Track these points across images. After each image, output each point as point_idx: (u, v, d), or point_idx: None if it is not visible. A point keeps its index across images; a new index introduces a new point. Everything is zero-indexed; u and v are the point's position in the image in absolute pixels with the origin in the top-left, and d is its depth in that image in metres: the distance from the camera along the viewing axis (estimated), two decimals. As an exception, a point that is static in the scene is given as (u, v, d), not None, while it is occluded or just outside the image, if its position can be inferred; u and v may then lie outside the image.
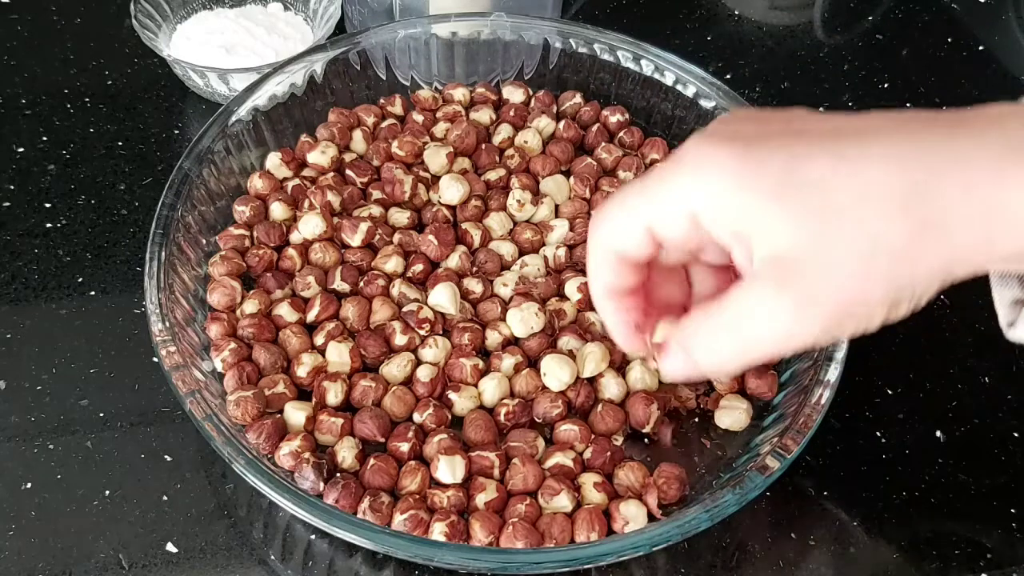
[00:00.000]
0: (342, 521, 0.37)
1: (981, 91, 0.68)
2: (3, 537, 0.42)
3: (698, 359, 0.33)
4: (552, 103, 0.59)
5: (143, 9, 0.62)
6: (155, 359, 0.46)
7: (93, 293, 0.51)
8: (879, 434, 0.48)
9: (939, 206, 0.28)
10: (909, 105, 0.67)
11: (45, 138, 0.59)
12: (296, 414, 0.43)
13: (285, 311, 0.47)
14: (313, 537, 0.43)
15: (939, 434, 0.48)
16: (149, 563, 0.41)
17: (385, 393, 0.45)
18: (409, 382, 0.46)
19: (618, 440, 0.45)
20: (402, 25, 0.58)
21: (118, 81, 0.64)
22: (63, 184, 0.57)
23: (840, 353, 0.43)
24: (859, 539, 0.44)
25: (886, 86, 0.68)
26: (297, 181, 0.53)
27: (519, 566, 0.37)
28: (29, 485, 0.43)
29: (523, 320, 0.47)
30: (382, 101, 0.59)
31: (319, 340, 0.46)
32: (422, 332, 0.47)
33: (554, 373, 0.45)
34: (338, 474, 0.42)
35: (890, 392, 0.50)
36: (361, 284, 0.49)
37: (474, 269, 0.51)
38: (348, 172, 0.54)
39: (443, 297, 0.47)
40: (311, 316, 0.47)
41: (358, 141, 0.56)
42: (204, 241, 0.50)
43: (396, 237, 0.51)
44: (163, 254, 0.45)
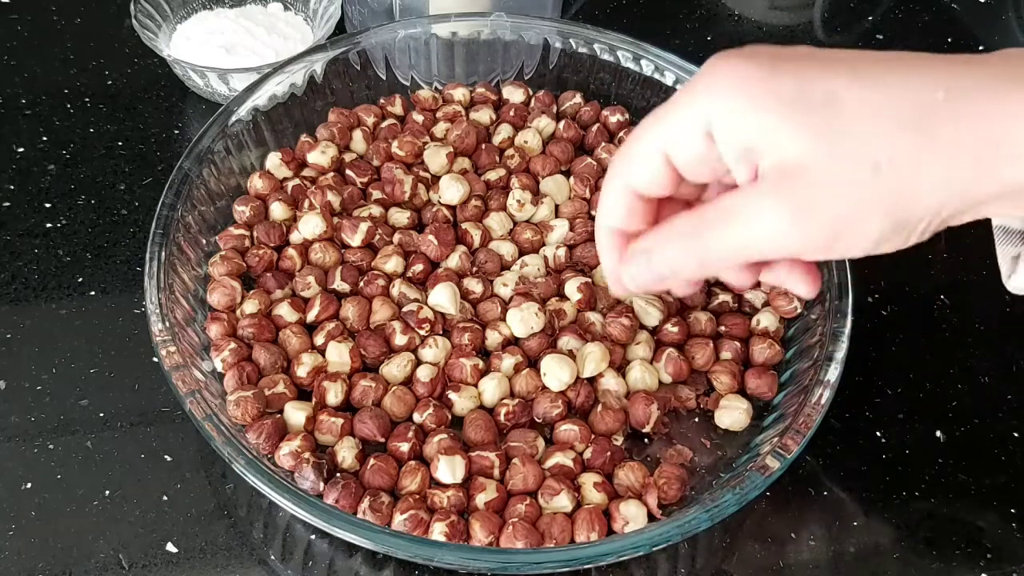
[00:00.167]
0: (342, 521, 0.37)
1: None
2: (3, 537, 0.42)
3: (655, 262, 0.34)
4: (552, 103, 0.59)
5: (143, 9, 0.62)
6: (155, 359, 0.46)
7: (93, 293, 0.51)
8: (879, 434, 0.48)
9: (949, 128, 0.29)
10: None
11: (45, 138, 0.59)
12: (296, 414, 0.43)
13: (285, 311, 0.47)
14: (313, 537, 0.43)
15: (939, 434, 0.48)
16: (149, 563, 0.41)
17: (385, 393, 0.45)
18: (409, 382, 0.46)
19: (618, 440, 0.45)
20: (402, 25, 0.58)
21: (118, 81, 0.64)
22: (63, 184, 0.57)
23: (840, 353, 0.43)
24: (859, 539, 0.44)
25: (886, 86, 0.68)
26: (297, 181, 0.53)
27: (519, 566, 0.37)
28: (29, 485, 0.43)
29: (523, 320, 0.47)
30: (382, 101, 0.59)
31: (319, 340, 0.46)
32: (422, 332, 0.47)
33: (554, 373, 0.45)
34: (338, 474, 0.42)
35: (890, 392, 0.50)
36: (361, 284, 0.49)
37: (474, 269, 0.51)
38: (348, 172, 0.54)
39: (443, 297, 0.47)
40: (311, 316, 0.47)
41: (358, 141, 0.56)
42: (204, 241, 0.50)
43: (396, 237, 0.51)
44: (163, 254, 0.45)
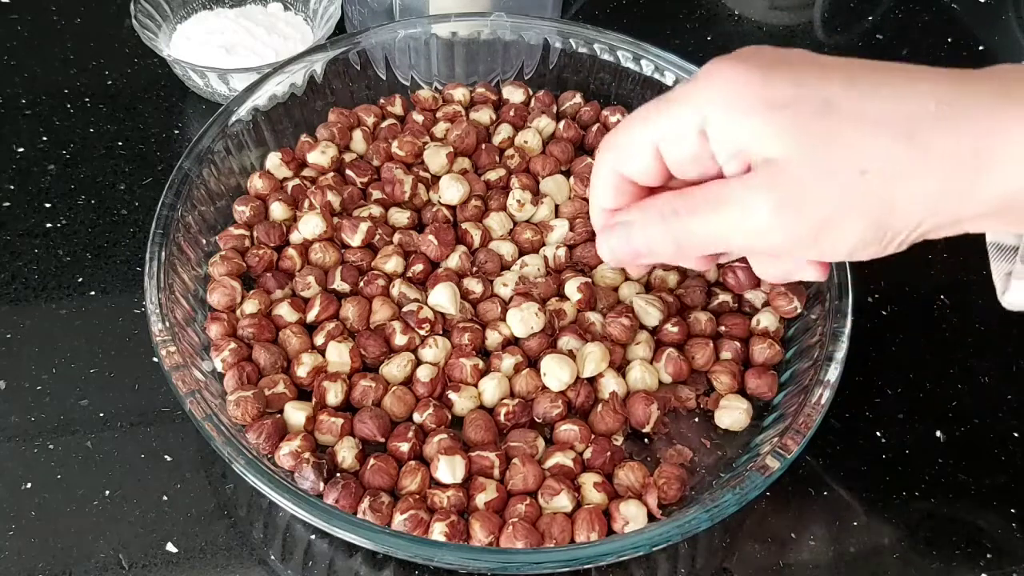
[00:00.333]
0: (342, 521, 0.37)
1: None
2: (3, 537, 0.42)
3: (635, 236, 0.35)
4: (552, 103, 0.59)
5: (143, 9, 0.62)
6: (155, 359, 0.46)
7: (93, 293, 0.51)
8: (879, 434, 0.48)
9: (937, 140, 0.30)
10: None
11: (45, 138, 0.59)
12: (296, 414, 0.43)
13: (285, 311, 0.47)
14: (313, 537, 0.43)
15: (939, 434, 0.48)
16: (149, 563, 0.41)
17: (385, 393, 0.45)
18: (409, 382, 0.46)
19: (618, 440, 0.45)
20: (402, 25, 0.58)
21: (118, 81, 0.64)
22: (63, 184, 0.57)
23: (840, 353, 0.43)
24: (859, 539, 0.44)
25: (886, 86, 0.68)
26: (297, 181, 0.53)
27: (519, 566, 0.37)
28: (29, 485, 0.43)
29: (523, 320, 0.47)
30: (382, 101, 0.59)
31: (319, 340, 0.46)
32: (422, 332, 0.47)
33: (554, 373, 0.45)
34: (338, 474, 0.42)
35: (890, 392, 0.50)
36: (361, 284, 0.49)
37: (474, 269, 0.51)
38: (348, 172, 0.54)
39: (443, 297, 0.47)
40: (311, 316, 0.47)
41: (358, 141, 0.56)
42: (204, 241, 0.50)
43: (396, 237, 0.51)
44: (163, 254, 0.45)
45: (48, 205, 0.56)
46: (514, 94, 0.59)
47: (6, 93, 0.62)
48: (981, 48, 0.72)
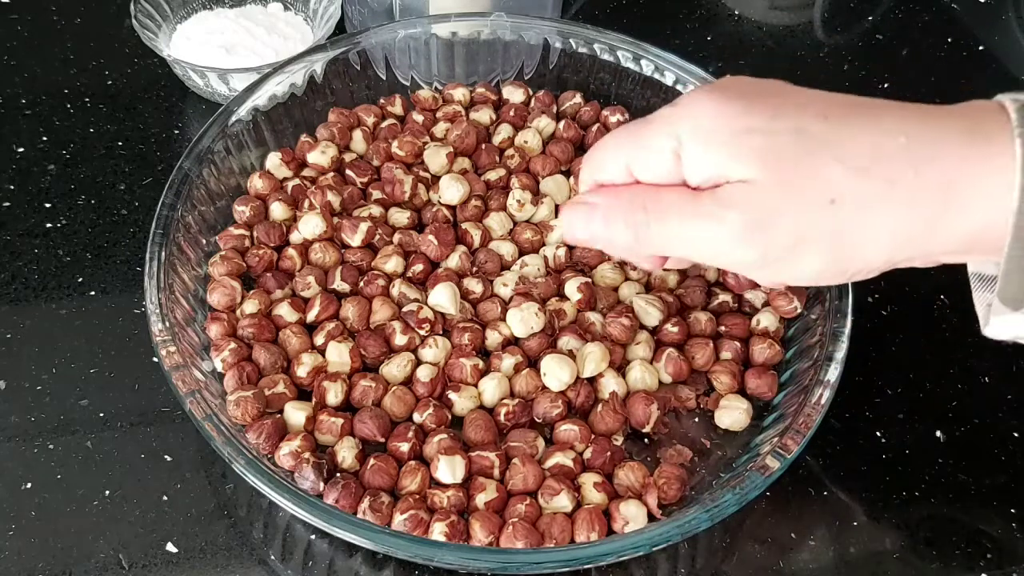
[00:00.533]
0: (342, 521, 0.37)
1: (981, 91, 0.68)
2: (3, 537, 0.42)
3: (596, 221, 0.36)
4: (552, 103, 0.59)
5: (143, 9, 0.62)
6: (155, 359, 0.46)
7: (93, 293, 0.51)
8: (879, 434, 0.48)
9: (907, 174, 0.30)
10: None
11: (45, 138, 0.59)
12: (296, 414, 0.43)
13: (285, 311, 0.47)
14: (313, 537, 0.43)
15: (939, 434, 0.48)
16: (149, 563, 0.41)
17: (385, 393, 0.45)
18: (409, 382, 0.46)
19: (618, 440, 0.45)
20: (402, 25, 0.58)
21: (118, 81, 0.64)
22: (63, 184, 0.57)
23: (840, 353, 0.43)
24: (859, 539, 0.44)
25: (886, 86, 0.68)
26: (297, 181, 0.53)
27: (519, 566, 0.37)
28: (29, 485, 0.43)
29: (523, 320, 0.47)
30: (382, 101, 0.59)
31: (319, 340, 0.46)
32: (422, 332, 0.47)
33: (554, 373, 0.45)
34: (338, 474, 0.42)
35: (890, 392, 0.50)
36: (361, 284, 0.49)
37: (474, 269, 0.51)
38: (348, 172, 0.54)
39: (443, 297, 0.47)
40: (311, 316, 0.47)
41: (358, 141, 0.56)
42: (204, 241, 0.50)
43: (396, 237, 0.51)
44: (163, 254, 0.45)
45: (48, 205, 0.56)
46: (514, 94, 0.59)
47: (6, 93, 0.62)
48: (981, 48, 0.72)
